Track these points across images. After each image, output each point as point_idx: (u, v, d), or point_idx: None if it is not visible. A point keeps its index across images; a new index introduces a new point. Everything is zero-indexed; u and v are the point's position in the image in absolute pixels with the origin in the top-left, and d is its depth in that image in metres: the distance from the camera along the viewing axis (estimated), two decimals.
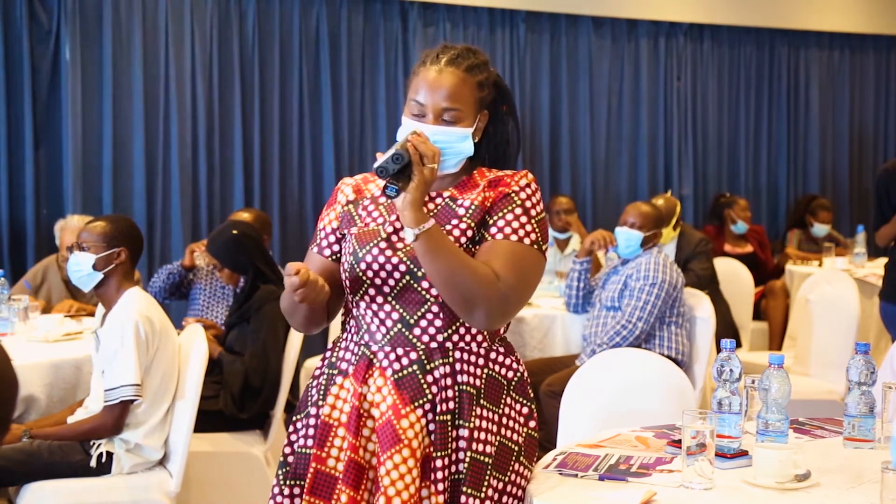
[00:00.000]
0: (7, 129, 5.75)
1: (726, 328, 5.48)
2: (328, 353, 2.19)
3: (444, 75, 2.09)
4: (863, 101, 8.40)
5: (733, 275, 6.06)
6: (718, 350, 2.35)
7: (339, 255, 2.17)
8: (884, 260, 6.84)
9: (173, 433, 3.32)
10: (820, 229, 7.29)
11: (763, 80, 8.04)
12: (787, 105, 8.13)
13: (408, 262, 2.05)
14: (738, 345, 5.65)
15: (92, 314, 4.37)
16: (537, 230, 2.09)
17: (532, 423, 2.15)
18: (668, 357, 4.06)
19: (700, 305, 4.50)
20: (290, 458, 2.15)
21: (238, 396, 3.88)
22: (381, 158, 1.96)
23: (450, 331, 2.06)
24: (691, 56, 7.75)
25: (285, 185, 6.44)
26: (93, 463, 3.21)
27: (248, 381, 3.88)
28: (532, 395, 2.19)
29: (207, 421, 3.72)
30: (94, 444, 3.23)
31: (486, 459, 2.03)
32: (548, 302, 5.05)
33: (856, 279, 5.53)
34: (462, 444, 2.03)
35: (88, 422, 3.24)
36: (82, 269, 3.29)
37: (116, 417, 3.19)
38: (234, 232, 4.17)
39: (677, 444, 2.17)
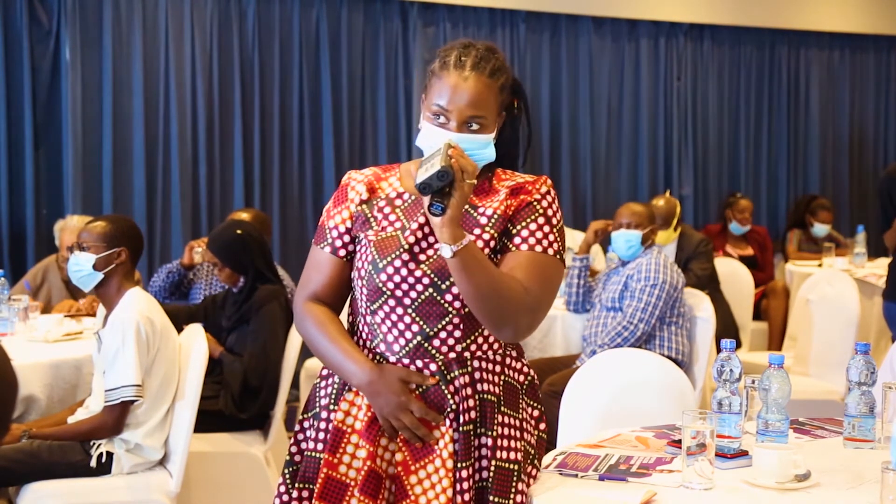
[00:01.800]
0: (7, 129, 5.75)
1: (727, 328, 5.48)
2: None
3: (469, 81, 2.00)
4: (863, 101, 8.40)
5: (733, 275, 6.06)
6: (718, 350, 2.35)
7: (352, 255, 2.11)
8: (884, 260, 6.85)
9: (173, 433, 3.32)
10: (820, 229, 7.29)
11: (763, 80, 8.04)
12: (787, 105, 8.13)
13: (432, 275, 2.01)
14: (738, 345, 5.65)
15: (92, 315, 4.37)
16: (558, 239, 2.06)
17: (542, 426, 2.15)
18: (669, 357, 4.06)
19: (700, 306, 4.50)
20: (297, 458, 2.13)
21: (238, 397, 3.87)
22: (423, 174, 1.88)
23: (468, 341, 2.04)
24: (691, 56, 7.75)
25: (285, 185, 6.44)
26: (93, 463, 3.21)
27: (248, 381, 3.88)
28: (540, 397, 2.19)
29: (207, 421, 3.72)
30: (94, 444, 3.23)
31: (512, 466, 2.02)
32: None
33: (856, 279, 5.52)
34: (486, 452, 2.02)
35: (88, 422, 3.24)
36: (83, 269, 3.28)
37: (117, 418, 3.19)
38: (239, 231, 4.15)
39: (677, 444, 2.17)
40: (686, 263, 5.46)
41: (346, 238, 2.11)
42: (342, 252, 2.11)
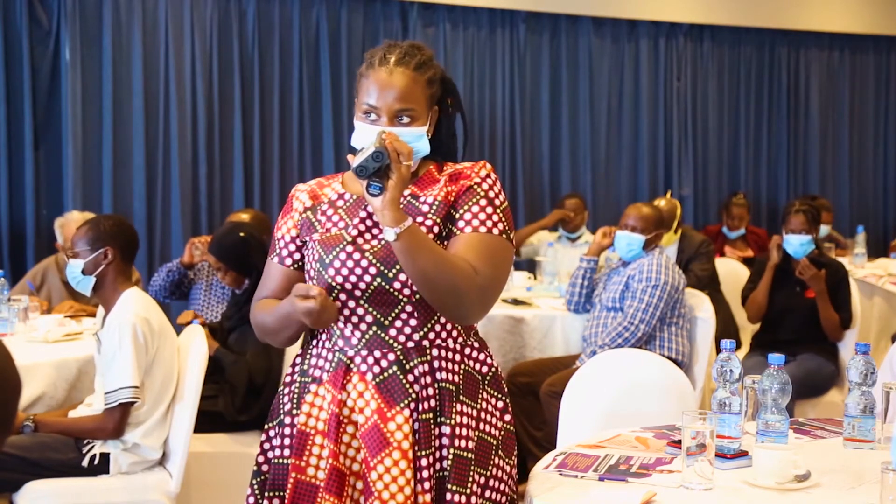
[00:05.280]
0: (7, 129, 5.75)
1: (726, 329, 5.47)
2: (298, 361, 2.16)
3: (395, 76, 2.07)
4: (863, 101, 8.40)
5: (733, 275, 6.06)
6: (718, 351, 2.35)
7: (300, 264, 2.15)
8: (884, 260, 6.87)
9: (173, 434, 3.32)
10: (820, 229, 7.28)
11: (763, 80, 8.04)
12: (787, 105, 8.12)
13: (377, 264, 2.03)
14: (738, 345, 5.65)
15: (92, 315, 4.37)
16: (503, 219, 2.09)
17: (507, 417, 2.14)
18: (669, 358, 4.05)
19: (700, 306, 4.49)
20: (265, 467, 2.14)
21: (242, 397, 3.86)
22: (359, 158, 1.93)
23: (425, 329, 2.06)
24: (691, 56, 7.75)
25: (285, 185, 6.43)
26: (84, 462, 3.20)
27: (252, 379, 3.87)
28: (506, 389, 2.19)
29: (207, 421, 3.71)
30: (88, 443, 3.22)
31: (468, 455, 2.03)
32: (548, 302, 5.05)
33: (856, 279, 5.52)
34: (445, 441, 2.03)
35: (90, 420, 3.23)
36: (76, 275, 3.29)
37: (117, 421, 3.18)
38: (242, 235, 4.15)
39: (677, 444, 2.18)
40: (687, 264, 5.46)
41: (293, 247, 2.16)
42: (288, 261, 2.16)
